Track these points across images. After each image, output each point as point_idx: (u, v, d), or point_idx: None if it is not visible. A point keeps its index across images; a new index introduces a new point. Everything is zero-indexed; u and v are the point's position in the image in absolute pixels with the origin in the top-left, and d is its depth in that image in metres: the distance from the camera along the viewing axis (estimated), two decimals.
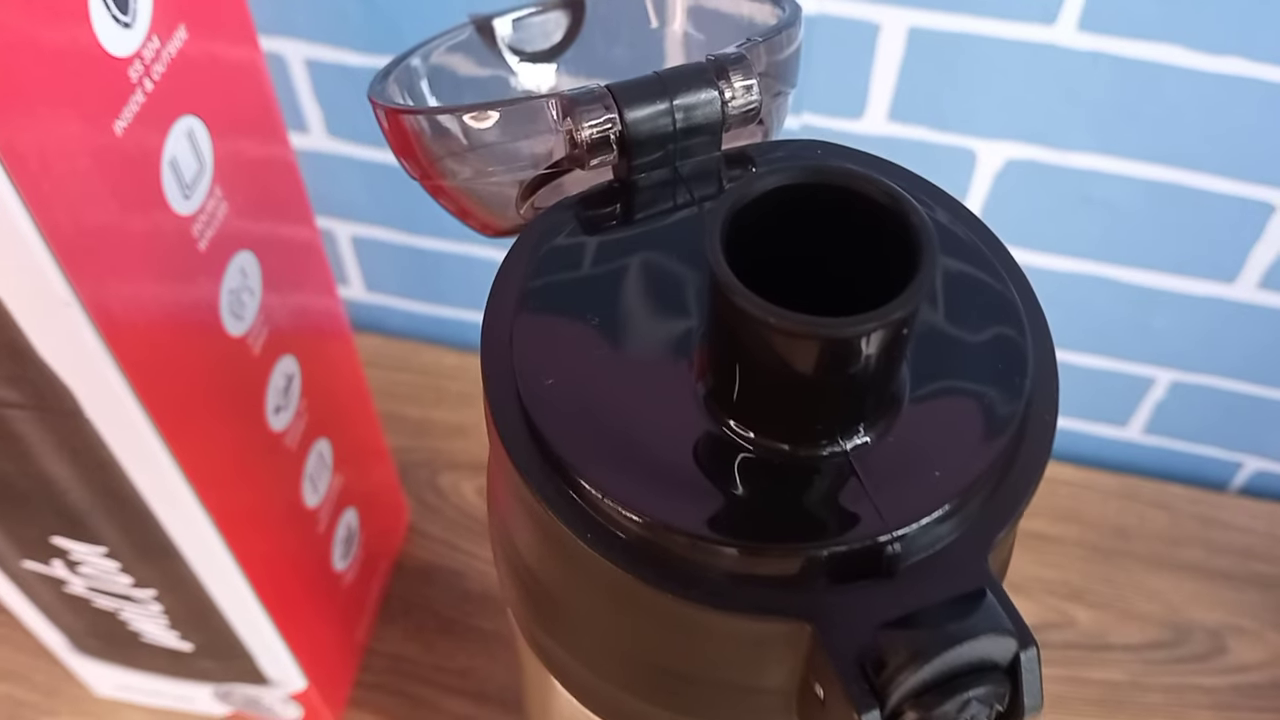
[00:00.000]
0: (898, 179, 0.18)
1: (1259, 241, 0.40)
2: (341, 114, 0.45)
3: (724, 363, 0.14)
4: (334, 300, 0.37)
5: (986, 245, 0.17)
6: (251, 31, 0.29)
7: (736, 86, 0.17)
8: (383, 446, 0.44)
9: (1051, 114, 0.37)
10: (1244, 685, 0.44)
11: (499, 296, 0.16)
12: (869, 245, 0.14)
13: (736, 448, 0.15)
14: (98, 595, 0.34)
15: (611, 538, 0.14)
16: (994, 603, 0.13)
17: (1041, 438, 0.15)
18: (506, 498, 0.16)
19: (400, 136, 0.19)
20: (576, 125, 0.17)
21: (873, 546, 0.14)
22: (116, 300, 0.24)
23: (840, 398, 0.14)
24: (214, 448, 0.29)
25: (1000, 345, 0.16)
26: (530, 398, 0.15)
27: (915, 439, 0.14)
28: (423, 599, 0.45)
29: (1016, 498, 0.14)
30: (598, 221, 0.17)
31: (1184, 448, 0.49)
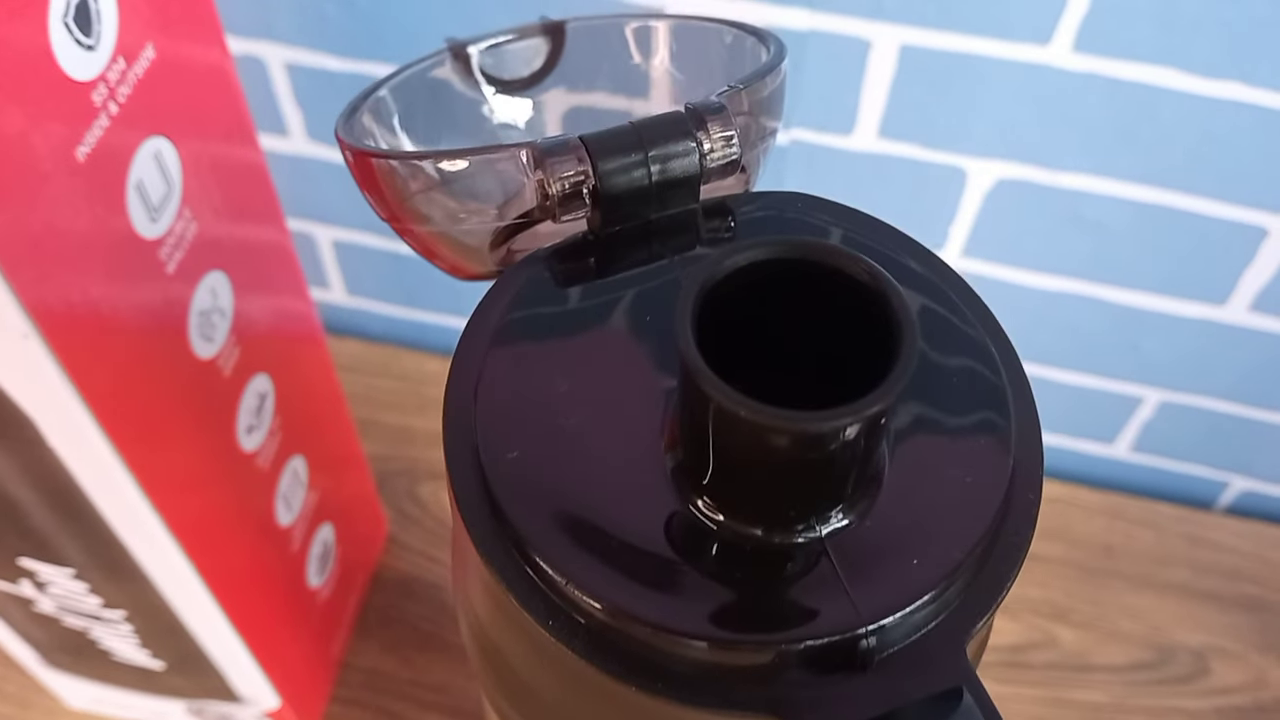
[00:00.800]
0: (881, 236, 0.17)
1: (1251, 265, 0.39)
2: (322, 117, 0.44)
3: (695, 444, 0.14)
4: (310, 314, 0.36)
5: (972, 311, 0.17)
6: (223, 42, 0.28)
7: (715, 138, 0.16)
8: (360, 456, 0.43)
9: (1044, 134, 0.37)
10: (1226, 708, 0.43)
11: (464, 357, 0.16)
12: (848, 317, 0.13)
13: (705, 531, 0.14)
14: (67, 614, 0.34)
15: (574, 624, 0.13)
16: (972, 704, 0.12)
17: (1024, 519, 0.14)
18: (469, 569, 0.16)
19: (367, 177, 0.18)
20: (548, 177, 0.16)
21: (847, 640, 0.13)
22: (78, 330, 0.23)
23: (815, 484, 0.13)
24: (181, 472, 0.29)
25: (982, 422, 0.15)
26: (492, 471, 0.14)
27: (893, 523, 0.14)
28: (401, 612, 0.45)
29: (998, 584, 0.14)
30: (569, 277, 0.17)
31: (1171, 466, 0.49)
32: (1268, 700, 0.44)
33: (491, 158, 0.16)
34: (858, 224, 0.17)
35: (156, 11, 0.24)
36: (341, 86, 0.42)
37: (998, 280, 0.42)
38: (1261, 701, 0.44)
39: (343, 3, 0.39)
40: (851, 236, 0.17)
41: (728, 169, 0.17)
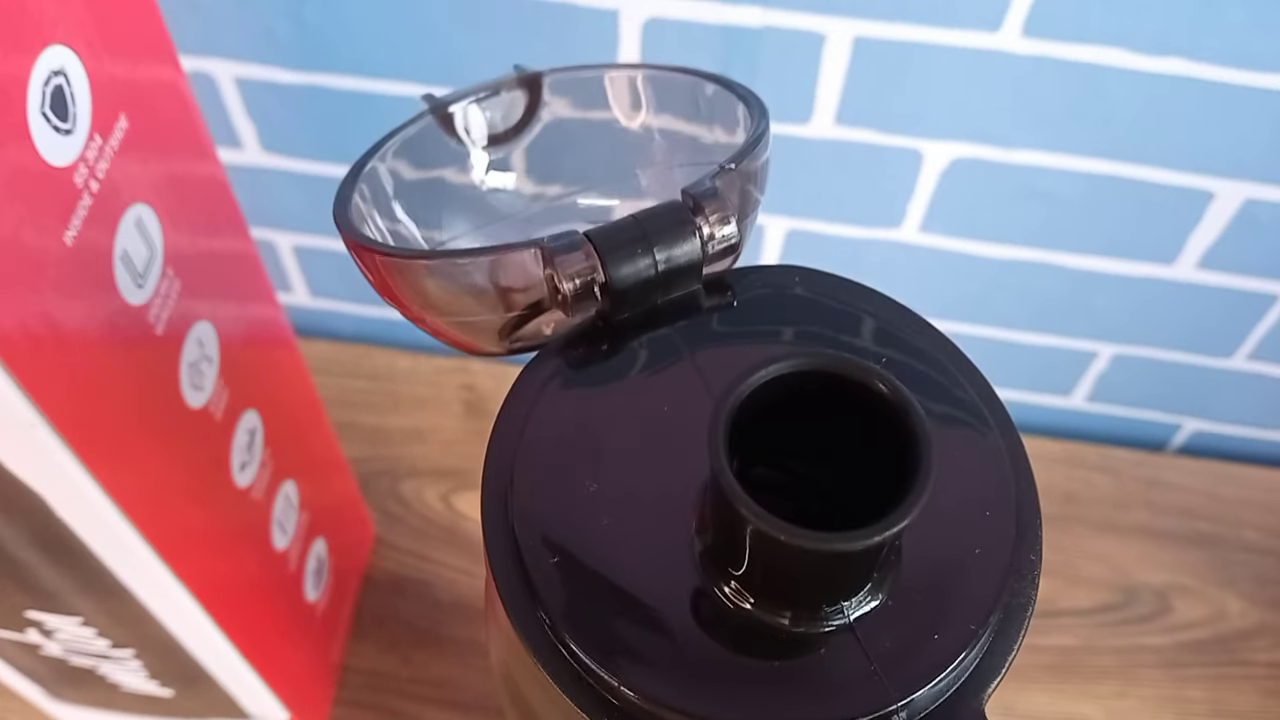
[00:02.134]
0: (883, 311, 0.18)
1: (1198, 226, 0.41)
2: (274, 128, 0.43)
3: (725, 543, 0.15)
4: (279, 317, 0.36)
5: (965, 377, 0.17)
6: (185, 83, 0.27)
7: (714, 222, 0.17)
8: (342, 462, 0.44)
9: (996, 115, 0.38)
10: (1189, 642, 0.46)
11: (496, 459, 0.16)
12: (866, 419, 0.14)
13: (736, 617, 0.15)
14: (74, 655, 0.34)
15: (613, 710, 0.14)
16: None
17: (1028, 581, 0.16)
18: (511, 654, 0.17)
19: (372, 270, 0.19)
20: (558, 275, 0.17)
21: (880, 718, 0.14)
22: (79, 407, 0.23)
23: (842, 580, 0.14)
24: (183, 519, 0.29)
25: (986, 493, 0.16)
26: (536, 573, 0.15)
27: (913, 602, 0.15)
28: (394, 611, 0.46)
29: (1008, 645, 0.15)
30: (584, 363, 0.17)
31: (1125, 413, 0.51)
32: (1228, 632, 0.46)
33: (500, 258, 0.17)
34: (853, 295, 0.18)
35: (126, 82, 0.24)
36: (292, 98, 0.41)
37: (955, 252, 0.43)
38: (1222, 633, 0.46)
39: (290, 18, 0.38)
40: (847, 310, 0.17)
41: (728, 251, 0.17)
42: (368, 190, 0.20)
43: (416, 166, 0.22)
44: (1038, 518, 0.16)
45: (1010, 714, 0.44)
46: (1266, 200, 0.39)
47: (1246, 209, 0.39)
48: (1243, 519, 0.49)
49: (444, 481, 0.49)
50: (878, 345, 0.17)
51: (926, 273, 0.44)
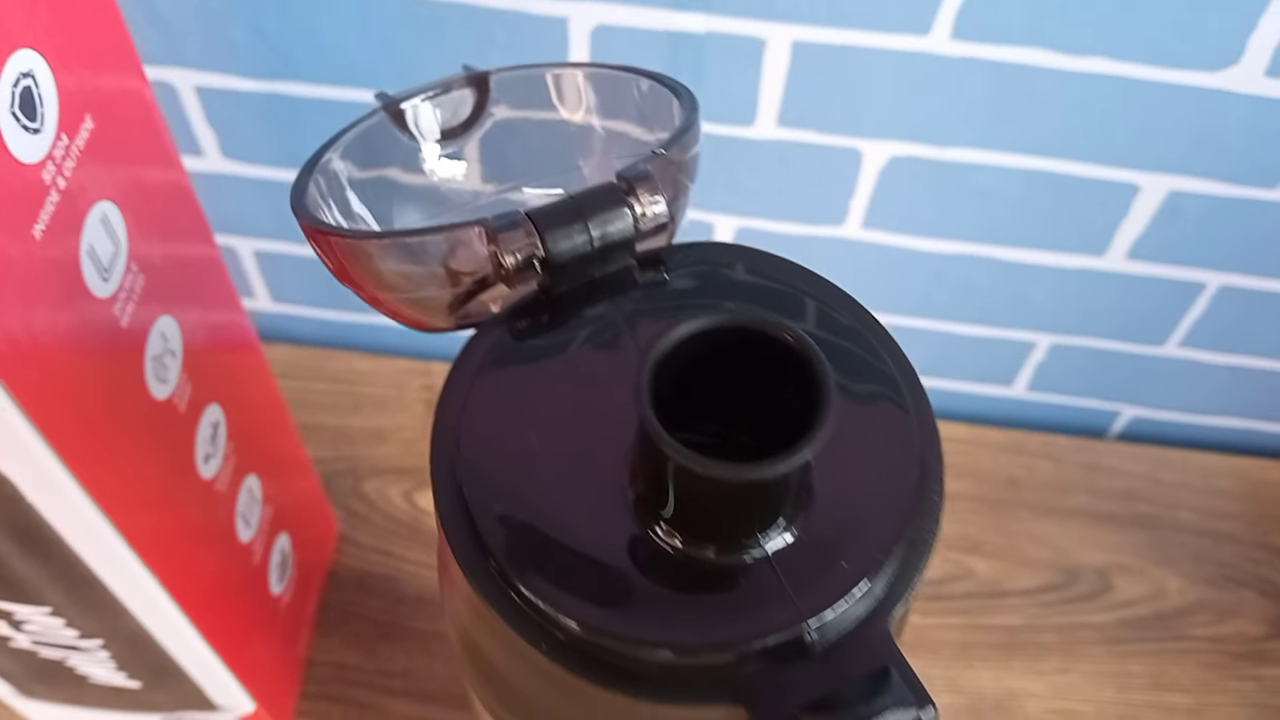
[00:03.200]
0: (799, 279, 0.20)
1: (1126, 218, 0.43)
2: (235, 136, 0.44)
3: (654, 485, 0.16)
4: (248, 332, 0.38)
5: (877, 340, 0.19)
6: (149, 91, 0.29)
7: (646, 203, 0.18)
8: (306, 462, 0.45)
9: (931, 114, 0.40)
10: (1130, 619, 0.48)
11: (443, 420, 0.18)
12: (774, 362, 0.16)
13: (666, 554, 0.16)
14: (43, 648, 0.35)
15: (562, 645, 0.16)
16: (899, 680, 0.15)
17: (931, 516, 0.17)
18: (465, 609, 0.18)
19: (328, 252, 0.20)
20: (501, 252, 0.18)
21: (794, 635, 0.16)
22: (50, 394, 0.24)
23: (758, 513, 0.16)
24: (151, 508, 0.30)
25: (891, 440, 0.18)
26: (481, 519, 0.16)
27: (824, 535, 0.16)
28: (359, 606, 0.47)
29: (912, 574, 0.17)
30: (527, 333, 0.19)
31: (1065, 401, 0.52)
32: (1167, 609, 0.48)
33: (447, 236, 0.18)
34: (773, 267, 0.20)
35: (92, 83, 0.25)
36: (251, 106, 0.43)
37: (897, 248, 0.45)
38: (1161, 610, 0.48)
39: (249, 28, 0.40)
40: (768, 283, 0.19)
41: (659, 229, 0.19)
42: (324, 182, 0.22)
43: (370, 160, 0.23)
44: (939, 464, 0.18)
45: (958, 691, 0.45)
46: (1189, 192, 0.41)
47: (1170, 201, 0.41)
48: (1180, 501, 0.51)
49: (406, 480, 0.50)
50: (793, 308, 0.18)
51: (870, 268, 0.46)
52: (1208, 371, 0.49)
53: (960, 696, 0.45)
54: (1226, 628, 0.48)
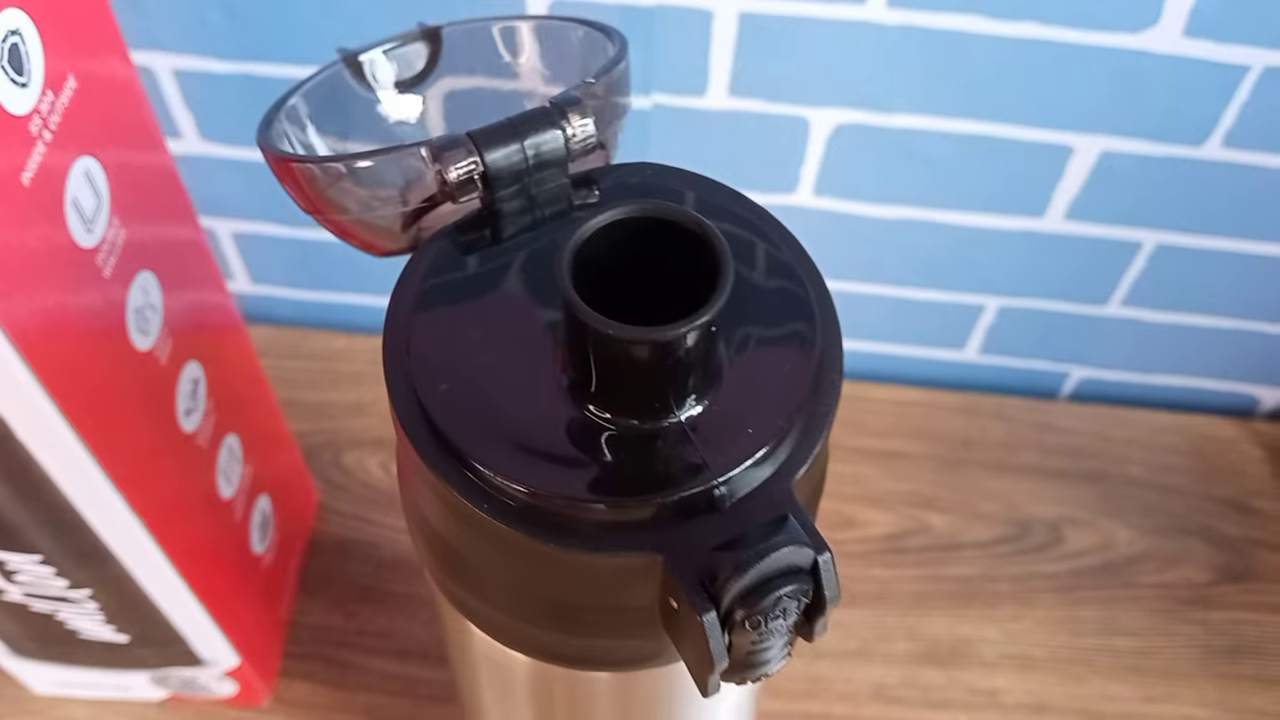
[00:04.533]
0: (713, 192, 0.22)
1: (1062, 179, 0.45)
2: (212, 118, 0.46)
3: (579, 363, 0.18)
4: (227, 302, 0.39)
5: (785, 243, 0.21)
6: (129, 60, 0.31)
7: (576, 125, 0.20)
8: (286, 433, 0.47)
9: (873, 81, 0.42)
10: (1081, 569, 0.50)
11: (393, 319, 0.20)
12: (686, 256, 0.18)
13: (596, 427, 0.18)
14: (35, 600, 0.37)
15: (503, 506, 0.18)
16: (795, 524, 0.17)
17: (830, 393, 0.19)
18: (416, 482, 0.20)
19: (291, 180, 0.22)
20: (445, 168, 0.20)
21: (705, 491, 0.18)
22: (39, 333, 0.26)
23: (672, 383, 0.18)
24: (137, 456, 0.32)
25: (796, 327, 0.20)
26: (430, 401, 0.18)
27: (733, 406, 0.18)
28: (340, 571, 0.48)
29: (812, 442, 0.19)
30: (471, 245, 0.21)
31: (1017, 363, 0.55)
32: (1116, 558, 0.50)
33: (396, 156, 0.20)
34: (691, 181, 0.22)
35: (74, 45, 0.27)
36: (228, 87, 0.45)
37: (848, 214, 0.47)
38: (1110, 560, 0.50)
39: (224, 9, 0.42)
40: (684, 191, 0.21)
41: (589, 148, 0.21)
42: (288, 123, 0.24)
43: (332, 106, 0.25)
44: (839, 351, 0.20)
45: (915, 638, 0.47)
46: (1120, 152, 0.43)
47: (1103, 161, 0.44)
48: (1129, 456, 0.53)
49: (384, 451, 0.52)
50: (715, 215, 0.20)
51: (822, 235, 0.48)
52: (1151, 330, 0.52)
53: (917, 643, 0.47)
54: (1173, 575, 0.50)
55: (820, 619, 0.18)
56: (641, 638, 0.20)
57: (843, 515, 0.50)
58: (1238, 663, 0.47)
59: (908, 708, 0.45)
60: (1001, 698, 0.46)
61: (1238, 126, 0.42)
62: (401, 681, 0.46)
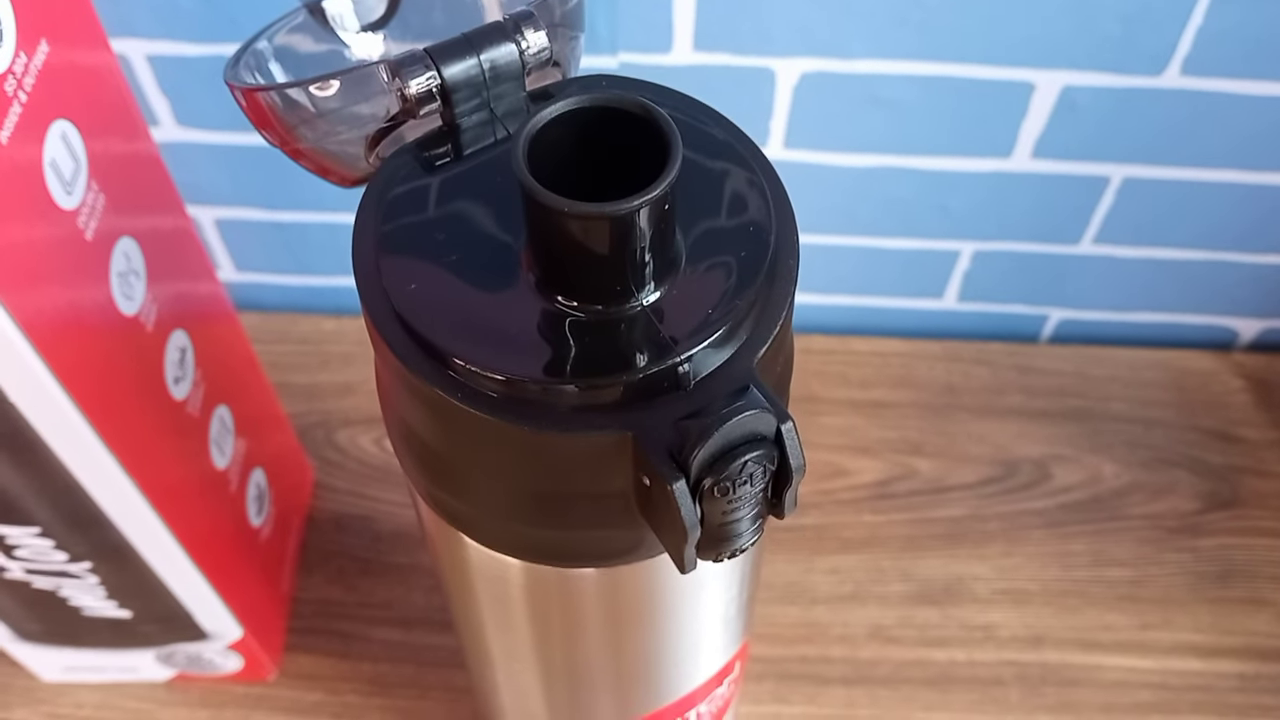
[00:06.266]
0: (665, 95, 0.22)
1: (1026, 117, 0.46)
2: (188, 103, 0.47)
3: (543, 252, 0.19)
4: (211, 274, 0.40)
5: (740, 145, 0.22)
6: (103, 37, 0.31)
7: (530, 38, 0.21)
8: (279, 412, 0.47)
9: (833, 28, 0.42)
10: (1069, 504, 0.50)
11: (361, 229, 0.20)
12: (643, 150, 0.18)
13: (565, 315, 0.19)
14: (36, 576, 0.37)
15: (480, 396, 0.18)
16: (755, 392, 0.18)
17: (786, 278, 0.20)
18: (396, 389, 0.20)
19: (258, 112, 0.23)
20: (404, 84, 0.21)
21: (670, 369, 0.18)
22: (27, 296, 0.27)
23: (632, 264, 0.18)
24: (128, 419, 0.32)
25: (751, 217, 0.20)
26: (401, 303, 0.19)
27: (694, 290, 0.19)
28: (338, 546, 0.49)
29: (772, 324, 0.19)
30: (433, 159, 0.21)
31: (995, 309, 0.55)
32: (1103, 492, 0.51)
33: (357, 74, 0.21)
34: (644, 88, 0.22)
35: (43, 12, 0.28)
36: (202, 71, 0.45)
37: (819, 165, 0.48)
38: (1098, 494, 0.51)
39: None
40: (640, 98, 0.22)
41: (543, 61, 0.21)
42: (254, 64, 0.24)
43: (297, 53, 0.26)
44: (795, 235, 0.20)
45: (908, 579, 0.48)
46: (1081, 85, 0.44)
47: (1065, 95, 0.44)
48: (1111, 394, 0.54)
49: (376, 427, 0.53)
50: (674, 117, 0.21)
51: (796, 187, 0.48)
52: (1124, 266, 0.52)
53: (911, 584, 0.48)
54: (1161, 505, 0.51)
55: (788, 490, 0.19)
56: (621, 525, 0.20)
57: (832, 465, 0.51)
58: (1229, 587, 0.48)
59: (905, 647, 0.46)
60: (997, 632, 0.47)
61: (1194, 53, 0.43)
62: (405, 649, 0.46)
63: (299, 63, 0.25)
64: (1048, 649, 0.46)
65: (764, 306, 0.19)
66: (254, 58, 0.24)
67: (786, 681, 0.45)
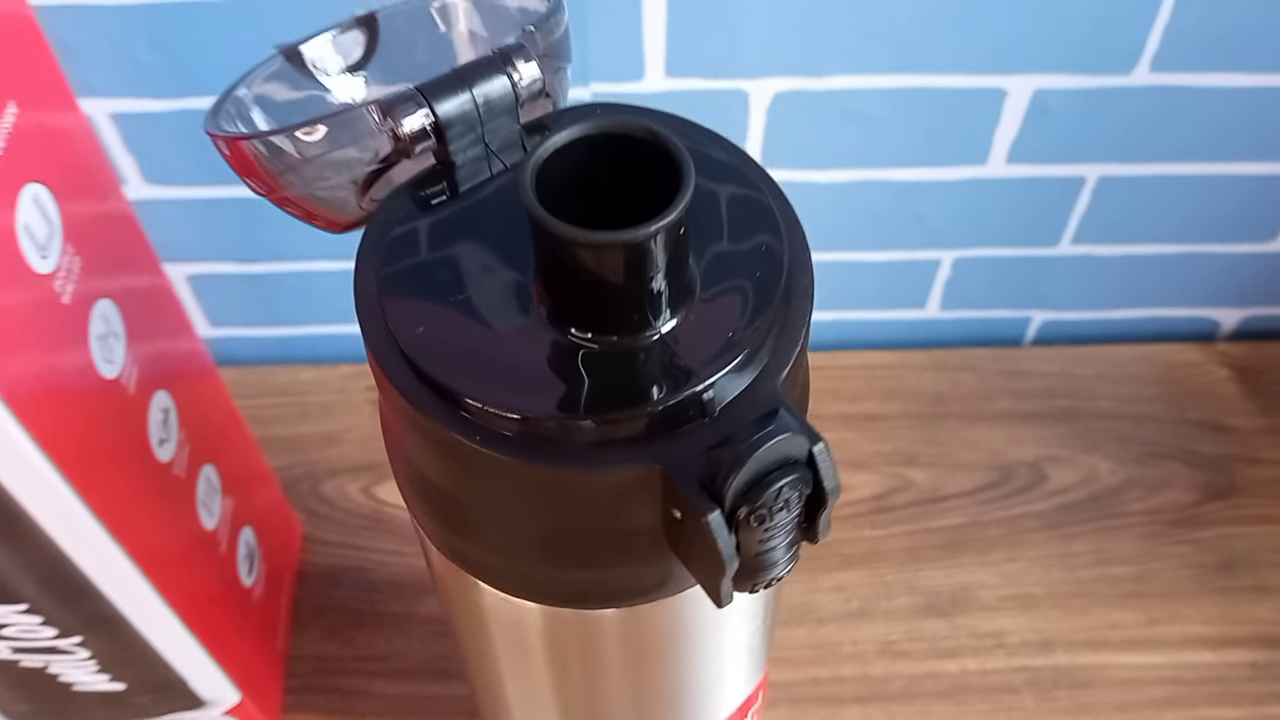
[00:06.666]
0: (664, 120, 0.22)
1: (999, 123, 0.46)
2: (155, 160, 0.46)
3: (554, 284, 0.18)
4: (190, 331, 0.39)
5: (745, 166, 0.21)
6: (71, 98, 0.31)
7: (522, 69, 0.21)
8: (265, 468, 0.46)
9: (803, 46, 0.42)
10: (1067, 504, 0.50)
11: (362, 275, 0.20)
12: (649, 176, 0.18)
13: (581, 348, 0.18)
14: (24, 655, 0.36)
15: (497, 437, 0.18)
16: (786, 415, 0.17)
17: (803, 296, 0.19)
18: (406, 434, 0.20)
19: (242, 161, 0.22)
20: (397, 123, 0.20)
21: (694, 397, 0.18)
22: (5, 363, 0.26)
23: (647, 292, 0.18)
24: (114, 485, 0.31)
25: (761, 237, 0.20)
26: (410, 347, 0.18)
27: (711, 315, 0.19)
28: (331, 600, 0.48)
29: (793, 344, 0.19)
30: (429, 198, 0.21)
31: (979, 315, 0.55)
32: (1100, 490, 0.51)
33: (344, 117, 0.20)
34: (641, 113, 0.22)
35: (10, 74, 0.27)
36: (167, 126, 0.44)
37: (797, 183, 0.48)
38: (1095, 492, 0.51)
39: (155, 47, 0.42)
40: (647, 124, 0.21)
41: (537, 92, 0.21)
42: (235, 112, 0.24)
43: (277, 100, 0.25)
44: (807, 253, 0.20)
45: (914, 591, 0.47)
46: (1052, 88, 0.44)
47: (1037, 99, 0.45)
48: (1098, 392, 0.54)
49: (363, 476, 0.52)
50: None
51: None
52: (1104, 264, 0.53)
53: (917, 596, 0.47)
54: (1159, 499, 0.50)
55: (823, 513, 0.18)
56: (647, 562, 0.20)
57: None
58: (1234, 576, 0.48)
59: (916, 660, 0.46)
60: (1007, 639, 0.46)
61: (1163, 50, 0.43)
62: (408, 701, 0.45)
63: (280, 109, 0.24)
64: (1058, 652, 0.46)
65: (783, 327, 0.19)
66: (234, 106, 0.23)
67: (801, 705, 0.44)
